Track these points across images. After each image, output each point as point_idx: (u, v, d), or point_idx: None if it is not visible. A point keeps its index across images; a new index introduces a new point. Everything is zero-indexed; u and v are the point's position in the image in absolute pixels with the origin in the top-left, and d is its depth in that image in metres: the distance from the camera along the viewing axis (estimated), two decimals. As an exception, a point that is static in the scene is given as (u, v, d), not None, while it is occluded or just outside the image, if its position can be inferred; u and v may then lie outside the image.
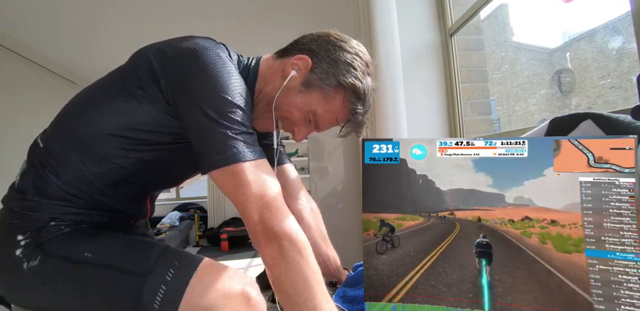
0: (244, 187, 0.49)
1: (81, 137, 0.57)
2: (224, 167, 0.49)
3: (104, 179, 0.59)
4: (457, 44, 1.44)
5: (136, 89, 0.55)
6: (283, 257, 0.48)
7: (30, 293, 0.55)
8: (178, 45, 0.56)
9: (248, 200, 0.49)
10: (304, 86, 0.61)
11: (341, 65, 0.61)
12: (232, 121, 0.50)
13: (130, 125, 0.55)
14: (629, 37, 1.36)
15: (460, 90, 1.42)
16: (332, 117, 0.64)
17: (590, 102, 1.71)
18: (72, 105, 0.62)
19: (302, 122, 0.65)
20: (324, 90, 0.61)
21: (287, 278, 0.47)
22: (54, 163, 0.57)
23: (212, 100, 0.50)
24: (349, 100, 0.62)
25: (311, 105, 0.62)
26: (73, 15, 2.27)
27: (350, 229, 1.85)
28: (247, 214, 0.49)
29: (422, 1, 1.48)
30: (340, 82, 0.60)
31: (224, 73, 0.52)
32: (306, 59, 0.61)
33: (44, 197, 0.57)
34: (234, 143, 0.49)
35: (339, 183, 1.94)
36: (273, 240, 0.48)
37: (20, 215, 0.56)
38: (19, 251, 0.54)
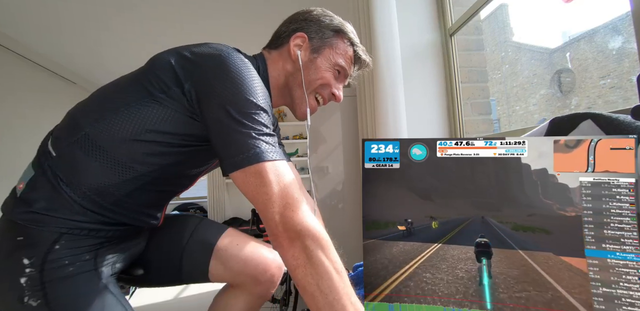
0: (266, 186, 0.49)
1: (101, 145, 0.55)
2: (247, 166, 0.49)
3: (123, 188, 0.58)
4: (457, 44, 1.44)
5: (158, 93, 0.55)
6: (307, 257, 0.47)
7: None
8: (199, 51, 0.57)
9: (270, 199, 0.49)
10: (315, 52, 0.71)
11: (322, 18, 0.73)
12: (255, 122, 0.51)
13: (153, 128, 0.55)
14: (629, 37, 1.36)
15: (460, 90, 1.42)
16: (347, 58, 0.74)
17: (590, 102, 1.71)
18: (86, 111, 0.60)
19: (334, 79, 0.74)
20: (329, 43, 0.72)
21: (312, 279, 0.47)
22: (69, 173, 0.56)
23: (237, 102, 0.51)
24: (348, 38, 0.74)
25: (331, 59, 0.72)
26: (74, 15, 2.27)
27: (350, 229, 1.85)
28: (270, 214, 0.49)
29: (422, 1, 1.48)
30: (333, 29, 0.72)
31: (247, 76, 0.54)
32: (299, 35, 0.71)
33: (53, 211, 0.55)
34: (257, 143, 0.50)
35: (339, 183, 1.94)
36: (296, 240, 0.48)
37: (24, 229, 0.54)
38: (24, 280, 0.53)
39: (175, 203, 4.67)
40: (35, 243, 0.54)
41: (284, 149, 0.91)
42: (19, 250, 0.53)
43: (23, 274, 0.52)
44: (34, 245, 0.54)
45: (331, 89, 0.74)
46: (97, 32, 2.54)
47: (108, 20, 2.34)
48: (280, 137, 0.95)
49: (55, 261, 0.54)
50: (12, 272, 0.53)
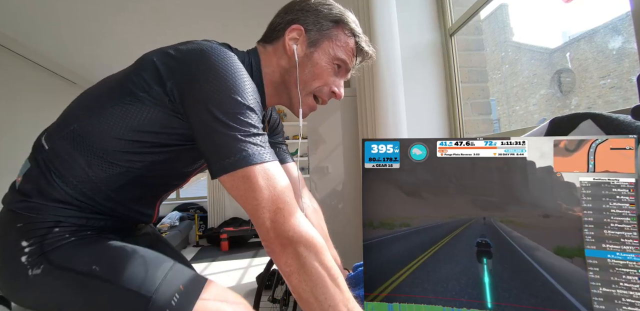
0: (255, 191, 0.47)
1: (88, 141, 0.56)
2: (234, 171, 0.47)
3: (110, 184, 0.58)
4: (457, 44, 1.44)
5: (140, 92, 0.54)
6: (300, 264, 0.46)
7: (34, 298, 0.54)
8: (183, 48, 0.55)
9: (260, 204, 0.47)
10: (312, 46, 0.65)
11: (320, 8, 0.66)
12: (242, 123, 0.49)
13: (136, 127, 0.55)
14: (629, 37, 1.36)
15: (460, 90, 1.42)
16: (348, 51, 0.68)
17: (590, 102, 1.71)
18: (77, 107, 0.61)
19: (334, 74, 0.69)
20: (327, 35, 0.66)
21: (307, 286, 0.46)
22: (60, 166, 0.57)
23: (221, 101, 0.49)
24: (349, 28, 0.67)
25: (330, 53, 0.66)
26: (74, 15, 2.27)
27: (351, 229, 1.85)
28: (260, 220, 0.47)
29: (422, 1, 1.48)
30: (332, 19, 0.66)
31: (233, 72, 0.51)
32: (295, 27, 0.65)
33: (49, 200, 0.56)
34: (243, 146, 0.48)
35: (339, 183, 1.93)
36: (288, 246, 0.47)
37: (23, 217, 0.55)
38: (24, 258, 0.53)
39: (175, 203, 4.66)
40: (34, 228, 0.55)
41: (286, 148, 0.90)
42: (19, 235, 0.54)
43: (23, 253, 0.53)
44: (33, 230, 0.55)
45: (331, 88, 0.69)
46: (98, 32, 2.54)
47: (108, 20, 2.34)
48: (284, 135, 0.93)
49: (55, 237, 0.55)
50: (14, 257, 0.53)
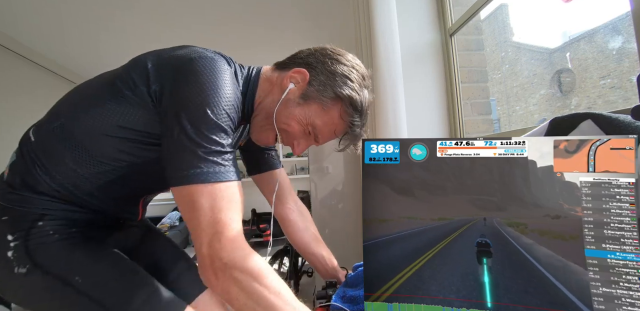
0: (196, 211, 0.45)
1: (75, 137, 0.56)
2: (181, 186, 0.46)
3: (94, 181, 0.58)
4: (457, 44, 1.44)
5: (126, 90, 0.54)
6: (240, 288, 0.44)
7: (14, 293, 0.56)
8: (176, 53, 0.55)
9: (199, 226, 0.45)
10: (303, 99, 0.62)
11: (338, 77, 0.61)
12: (206, 139, 0.47)
13: (123, 124, 0.55)
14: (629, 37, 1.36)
15: (460, 90, 1.42)
16: (330, 129, 0.65)
17: (590, 102, 1.71)
18: (66, 103, 0.61)
19: (302, 134, 0.65)
20: (322, 102, 0.61)
21: (252, 304, 0.45)
22: (45, 160, 0.57)
23: (193, 112, 0.48)
24: (347, 112, 0.63)
25: (310, 117, 0.62)
26: (75, 16, 2.27)
27: (351, 229, 1.85)
28: (197, 245, 0.46)
29: (422, 1, 1.48)
30: (337, 94, 0.61)
31: (215, 83, 0.50)
32: (304, 72, 0.62)
33: (33, 192, 0.56)
34: (199, 163, 0.46)
35: (339, 183, 1.93)
36: (223, 272, 0.44)
37: (9, 210, 0.56)
38: (10, 253, 0.54)
39: (175, 203, 4.66)
40: (18, 221, 0.55)
41: (275, 154, 0.89)
42: (5, 229, 0.55)
43: (9, 248, 0.54)
44: (17, 223, 0.55)
45: (292, 140, 0.66)
46: (98, 32, 2.54)
47: (109, 20, 2.34)
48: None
49: (39, 232, 0.55)
50: (0, 251, 0.54)
